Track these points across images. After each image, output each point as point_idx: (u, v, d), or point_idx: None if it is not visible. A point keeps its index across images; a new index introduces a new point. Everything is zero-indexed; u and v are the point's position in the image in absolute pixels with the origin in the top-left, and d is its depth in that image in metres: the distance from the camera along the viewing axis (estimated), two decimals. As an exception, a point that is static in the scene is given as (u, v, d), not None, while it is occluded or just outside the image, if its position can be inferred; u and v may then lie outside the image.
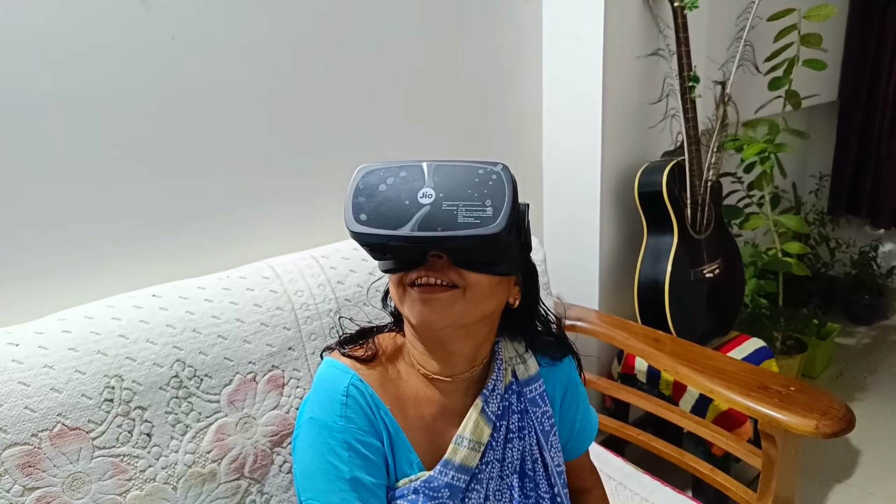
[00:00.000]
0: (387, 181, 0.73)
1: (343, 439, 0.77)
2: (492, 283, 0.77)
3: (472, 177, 0.71)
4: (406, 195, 0.71)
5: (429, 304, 0.74)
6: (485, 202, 0.69)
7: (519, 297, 0.85)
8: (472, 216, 0.69)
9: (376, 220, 0.72)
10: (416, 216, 0.70)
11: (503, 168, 0.72)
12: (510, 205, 0.69)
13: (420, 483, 0.80)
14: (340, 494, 0.76)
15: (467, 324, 0.78)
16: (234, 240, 1.30)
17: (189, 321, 1.03)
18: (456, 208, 0.69)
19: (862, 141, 2.95)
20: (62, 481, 0.87)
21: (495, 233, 0.68)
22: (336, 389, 0.79)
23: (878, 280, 2.98)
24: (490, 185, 0.70)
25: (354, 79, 1.41)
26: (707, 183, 1.80)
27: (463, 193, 0.70)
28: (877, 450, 2.14)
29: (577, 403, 0.96)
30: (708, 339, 1.90)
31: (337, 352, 0.85)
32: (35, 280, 1.08)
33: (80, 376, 0.91)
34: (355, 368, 0.82)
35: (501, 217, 0.69)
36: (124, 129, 1.12)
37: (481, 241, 0.69)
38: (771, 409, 1.14)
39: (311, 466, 0.78)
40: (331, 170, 1.40)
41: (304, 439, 0.80)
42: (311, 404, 0.81)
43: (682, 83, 1.72)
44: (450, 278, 0.74)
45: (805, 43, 2.08)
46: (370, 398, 0.80)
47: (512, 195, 0.70)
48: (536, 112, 1.83)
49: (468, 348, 0.82)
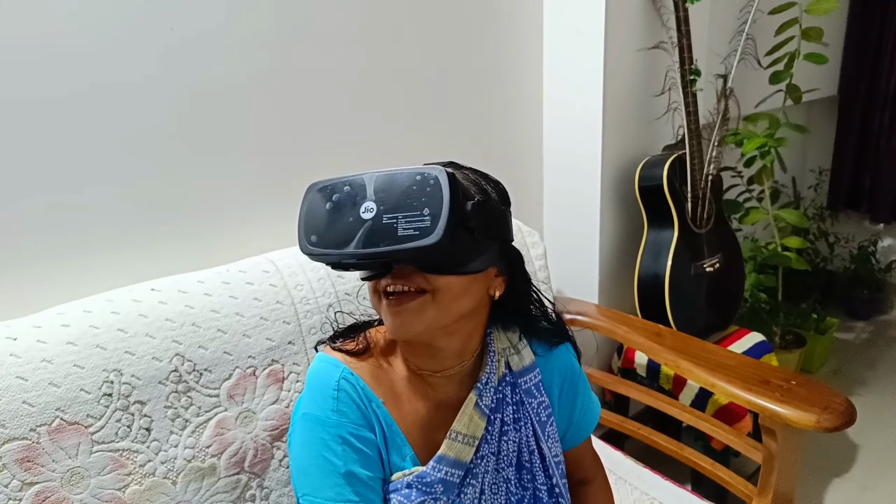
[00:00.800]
0: (333, 198, 0.72)
1: (336, 434, 0.77)
2: (462, 283, 0.75)
3: (411, 185, 0.69)
4: (349, 212, 0.70)
5: (399, 315, 0.74)
6: (423, 211, 0.67)
7: (502, 288, 0.83)
8: (412, 227, 0.67)
9: (324, 240, 0.71)
10: (360, 232, 0.69)
11: (441, 171, 0.68)
12: (448, 211, 0.66)
13: (413, 478, 0.80)
14: (336, 489, 0.76)
15: (444, 325, 0.76)
16: (233, 234, 1.29)
17: (188, 315, 1.02)
18: (395, 220, 0.68)
19: (862, 136, 2.94)
20: (61, 476, 0.87)
21: (434, 243, 0.66)
22: (327, 384, 0.79)
23: (877, 275, 2.98)
24: (427, 192, 0.68)
25: (354, 72, 1.40)
26: (708, 177, 1.79)
27: (402, 203, 0.68)
28: (875, 445, 2.14)
29: (575, 391, 0.95)
30: (708, 333, 1.90)
31: (328, 346, 0.85)
32: (34, 274, 1.07)
33: (79, 370, 0.90)
34: (346, 362, 0.81)
35: (440, 227, 0.66)
36: (123, 121, 1.11)
37: (424, 252, 0.67)
38: (772, 403, 1.13)
39: (305, 462, 0.77)
40: (331, 164, 1.39)
41: (298, 435, 0.79)
42: (304, 400, 0.81)
43: (683, 76, 1.72)
44: (417, 284, 0.73)
45: (806, 37, 2.07)
46: (362, 391, 0.79)
47: (450, 200, 0.67)
48: (537, 106, 1.82)
49: (454, 345, 0.81)
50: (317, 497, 0.76)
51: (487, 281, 0.80)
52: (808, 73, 2.27)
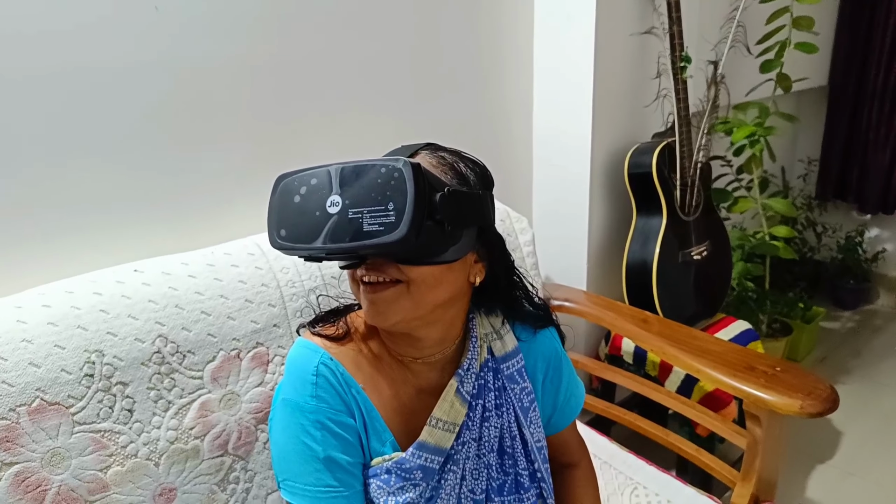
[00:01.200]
0: (300, 191, 0.71)
1: (315, 419, 0.76)
2: (437, 273, 0.74)
3: (375, 177, 0.67)
4: (316, 205, 0.69)
5: (374, 304, 0.74)
6: (387, 206, 0.66)
7: (482, 275, 0.82)
8: (377, 223, 0.66)
9: (293, 235, 0.71)
10: (326, 227, 0.68)
11: (405, 164, 0.66)
12: (413, 206, 0.65)
13: (392, 464, 0.79)
14: (316, 475, 0.76)
15: (421, 315, 0.76)
16: (219, 217, 1.28)
17: (172, 297, 1.01)
18: (361, 216, 0.67)
19: (851, 127, 2.95)
20: (41, 456, 0.86)
21: (398, 239, 0.65)
22: (306, 369, 0.78)
23: (863, 265, 3.01)
24: (392, 185, 0.66)
25: (342, 56, 1.39)
26: (697, 165, 1.79)
27: (367, 197, 0.67)
28: (858, 432, 2.17)
29: (560, 376, 0.95)
30: (695, 321, 1.91)
31: (308, 331, 0.84)
32: (15, 255, 1.05)
33: (60, 351, 0.89)
34: (325, 347, 0.80)
35: (404, 222, 0.65)
36: (108, 103, 1.10)
37: (389, 247, 0.66)
38: (757, 388, 1.14)
39: (285, 448, 0.77)
40: (318, 147, 1.38)
41: (277, 421, 0.79)
42: (283, 386, 0.80)
43: (673, 63, 1.71)
44: (391, 275, 0.72)
45: (797, 26, 2.07)
46: (341, 376, 0.79)
47: (414, 195, 0.65)
48: (527, 91, 1.81)
49: (434, 333, 0.81)
50: (297, 482, 0.76)
51: (466, 268, 0.79)
52: (799, 63, 2.27)
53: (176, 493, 0.97)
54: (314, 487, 0.76)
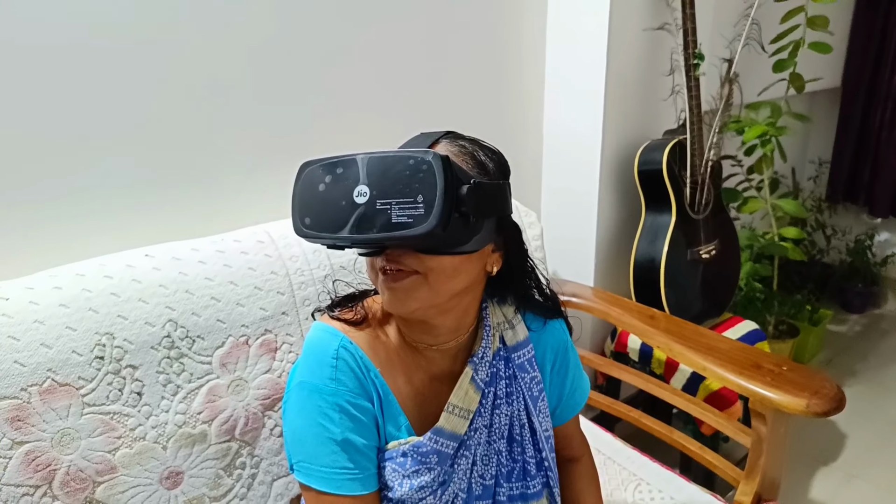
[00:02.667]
0: (325, 180, 0.71)
1: (334, 402, 0.77)
2: (456, 263, 0.74)
3: (404, 169, 0.67)
4: (343, 195, 0.69)
5: (393, 292, 0.74)
6: (416, 198, 0.66)
7: (499, 264, 0.82)
8: (405, 215, 0.66)
9: (318, 223, 0.71)
10: (353, 217, 0.68)
11: (434, 156, 0.67)
12: (442, 199, 0.65)
13: (409, 447, 0.80)
14: (332, 456, 0.76)
15: (438, 303, 0.76)
16: (229, 204, 1.28)
17: (182, 282, 1.02)
18: (389, 206, 0.67)
19: (862, 129, 2.93)
20: (51, 437, 0.87)
21: (428, 231, 0.65)
22: (326, 352, 0.79)
23: (872, 268, 2.99)
24: (421, 177, 0.66)
25: (357, 48, 1.39)
26: (708, 163, 1.78)
27: (395, 189, 0.67)
28: (863, 434, 2.16)
29: (567, 368, 0.95)
30: (701, 319, 1.91)
31: (326, 315, 0.84)
32: (26, 237, 1.06)
33: (71, 333, 0.90)
34: (345, 331, 0.81)
35: (434, 215, 0.65)
36: (123, 89, 1.10)
37: (422, 238, 0.67)
38: (763, 387, 1.14)
39: (301, 430, 0.78)
40: (329, 136, 1.38)
41: (294, 403, 0.79)
42: (301, 368, 0.80)
43: (686, 60, 1.70)
44: (407, 265, 0.73)
45: (812, 25, 2.06)
46: (360, 360, 0.79)
47: (444, 187, 0.66)
48: (538, 85, 1.81)
49: (449, 321, 0.82)
50: (312, 464, 0.77)
51: (483, 257, 0.80)
52: (813, 64, 2.25)
53: (183, 477, 0.98)
54: (330, 469, 0.76)
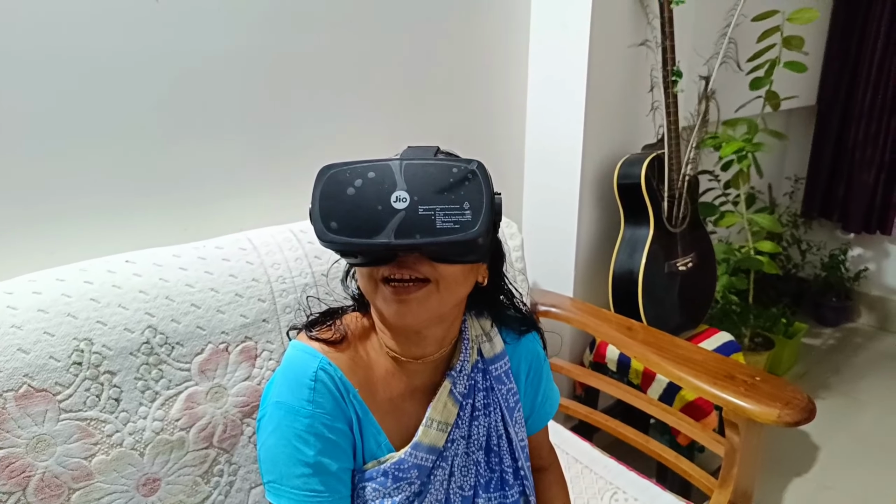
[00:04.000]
0: (355, 183, 0.69)
1: (309, 424, 0.77)
2: (464, 271, 0.77)
3: (447, 177, 0.68)
4: (378, 199, 0.68)
5: (405, 303, 0.73)
6: (462, 205, 0.67)
7: (487, 276, 0.85)
8: (451, 221, 0.67)
9: (348, 227, 0.69)
10: (392, 222, 0.67)
11: (478, 166, 0.69)
12: (489, 206, 0.68)
13: (390, 465, 0.81)
14: (302, 479, 0.76)
15: (442, 313, 0.78)
16: (211, 211, 1.28)
17: (162, 288, 1.02)
18: (433, 213, 0.67)
19: (838, 146, 3.00)
20: (26, 442, 0.86)
21: (476, 237, 0.67)
22: (304, 374, 0.78)
23: (846, 283, 3.05)
24: (466, 185, 0.68)
25: (339, 57, 1.40)
26: (685, 177, 1.82)
27: (438, 196, 0.68)
28: (835, 446, 2.20)
29: (539, 378, 0.97)
30: (678, 331, 1.93)
31: (304, 334, 0.84)
32: (5, 242, 1.06)
33: (49, 338, 0.90)
34: (324, 352, 0.80)
35: (481, 221, 0.67)
36: (104, 93, 1.10)
37: (463, 245, 0.68)
38: (736, 397, 1.16)
39: (275, 450, 0.77)
40: (313, 145, 1.39)
41: (269, 422, 0.79)
42: (277, 388, 0.80)
43: (665, 77, 1.74)
44: (422, 273, 0.73)
45: (787, 45, 2.11)
46: (339, 381, 0.79)
47: (490, 195, 0.68)
48: (521, 99, 1.83)
49: (440, 332, 0.83)
50: (283, 485, 0.77)
51: (477, 268, 0.82)
52: (789, 82, 2.31)
53: (160, 484, 0.97)
54: (300, 491, 0.76)
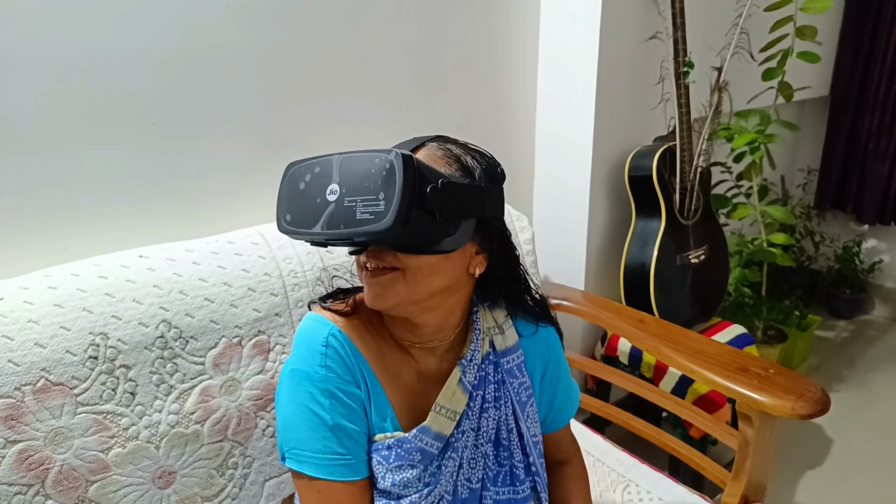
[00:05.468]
0: (305, 178, 0.75)
1: (324, 388, 0.79)
2: (433, 262, 0.76)
3: (370, 167, 0.70)
4: (317, 192, 0.73)
5: (372, 287, 0.77)
6: (378, 195, 0.68)
7: (483, 266, 0.83)
8: (368, 211, 0.69)
9: (296, 219, 0.75)
10: (324, 214, 0.71)
11: (396, 155, 0.68)
12: (401, 196, 0.67)
13: (394, 441, 0.82)
14: (323, 442, 0.78)
15: (417, 301, 0.78)
16: (224, 205, 1.29)
17: (176, 283, 1.02)
18: (355, 204, 0.70)
19: (851, 137, 2.97)
20: (44, 435, 0.87)
21: (387, 228, 0.67)
22: (316, 340, 0.81)
23: (859, 275, 3.03)
24: (383, 175, 0.68)
25: (349, 50, 1.40)
26: (697, 169, 1.81)
27: (361, 187, 0.70)
28: (848, 440, 2.18)
29: (557, 379, 0.97)
30: (690, 324, 1.93)
31: (318, 306, 0.86)
32: (21, 237, 1.07)
33: (65, 332, 0.91)
34: (334, 320, 0.83)
35: (391, 211, 0.67)
36: (116, 87, 1.11)
37: (382, 234, 0.68)
38: (750, 390, 1.15)
39: (293, 417, 0.79)
40: (324, 139, 1.40)
41: (285, 391, 0.81)
42: (291, 356, 0.83)
43: (676, 68, 1.73)
44: (388, 262, 0.76)
45: (800, 35, 2.08)
46: (349, 348, 0.81)
47: (402, 185, 0.67)
48: (531, 91, 1.83)
49: (433, 320, 0.83)
50: (304, 450, 0.78)
51: (466, 259, 0.81)
52: (801, 72, 2.28)
53: (175, 476, 0.98)
54: (322, 454, 0.78)
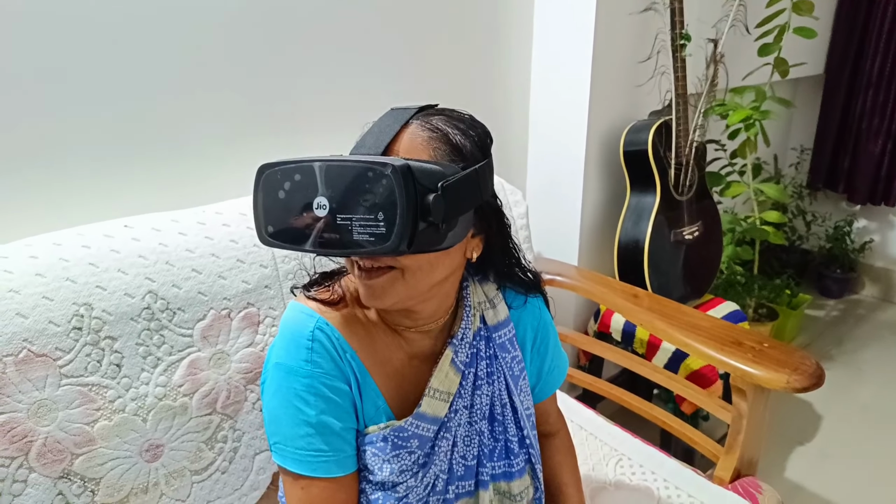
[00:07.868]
0: (284, 186, 0.67)
1: (309, 384, 0.75)
2: (432, 258, 0.73)
3: (363, 181, 0.63)
4: (303, 205, 0.66)
5: (369, 288, 0.72)
6: (377, 215, 0.62)
7: (479, 249, 0.81)
8: (367, 232, 0.63)
9: (282, 232, 0.68)
10: (315, 230, 0.65)
11: (393, 170, 0.62)
12: (404, 218, 0.62)
13: (389, 431, 0.79)
14: (306, 439, 0.75)
15: (416, 295, 0.75)
16: (211, 177, 1.26)
17: (162, 253, 1.00)
18: (350, 223, 0.64)
19: (844, 116, 2.96)
20: (27, 407, 0.85)
21: (391, 251, 0.63)
22: (301, 334, 0.77)
23: (850, 255, 3.04)
24: (380, 192, 0.62)
25: (339, 17, 1.36)
26: (692, 144, 1.79)
27: (355, 204, 0.63)
28: (837, 415, 2.21)
29: (546, 346, 0.95)
30: (683, 301, 1.92)
31: (302, 295, 0.82)
32: (2, 208, 1.04)
33: (48, 302, 0.88)
34: (321, 312, 0.79)
35: (395, 234, 0.62)
36: (101, 54, 1.07)
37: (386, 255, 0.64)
38: (744, 363, 1.15)
39: (277, 411, 0.77)
40: (312, 110, 1.37)
41: (270, 384, 0.78)
42: (276, 349, 0.79)
43: (673, 41, 1.70)
44: (384, 262, 0.71)
45: (797, 10, 2.06)
46: (336, 341, 0.77)
47: (405, 205, 0.62)
48: (525, 65, 1.80)
49: (429, 308, 0.81)
50: (287, 446, 0.76)
51: (463, 246, 0.78)
52: (797, 49, 2.26)
53: (163, 450, 0.97)
54: (304, 451, 0.75)
